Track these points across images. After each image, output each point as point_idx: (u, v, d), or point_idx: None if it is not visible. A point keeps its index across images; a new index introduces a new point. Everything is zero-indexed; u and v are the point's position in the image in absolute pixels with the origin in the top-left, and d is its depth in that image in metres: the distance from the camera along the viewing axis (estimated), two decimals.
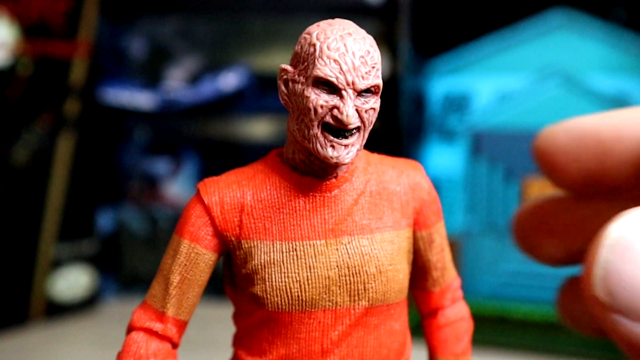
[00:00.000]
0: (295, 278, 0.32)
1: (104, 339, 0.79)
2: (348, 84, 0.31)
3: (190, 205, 0.35)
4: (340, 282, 0.33)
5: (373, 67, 0.32)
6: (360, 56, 0.31)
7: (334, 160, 0.32)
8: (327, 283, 0.33)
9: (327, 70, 0.31)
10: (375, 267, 0.33)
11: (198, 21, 0.89)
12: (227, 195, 0.34)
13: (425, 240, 0.36)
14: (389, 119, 0.87)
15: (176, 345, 0.35)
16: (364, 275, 0.33)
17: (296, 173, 0.34)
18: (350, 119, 0.31)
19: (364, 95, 0.32)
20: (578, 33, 0.81)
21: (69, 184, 0.83)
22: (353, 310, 0.33)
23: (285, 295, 0.32)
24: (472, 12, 0.84)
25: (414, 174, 0.36)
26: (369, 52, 0.32)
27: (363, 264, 0.33)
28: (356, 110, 0.32)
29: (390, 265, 0.33)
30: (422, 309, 0.38)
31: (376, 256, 0.33)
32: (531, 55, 0.83)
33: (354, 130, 0.32)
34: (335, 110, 0.31)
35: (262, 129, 0.90)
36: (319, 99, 0.31)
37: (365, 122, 0.32)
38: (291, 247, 0.33)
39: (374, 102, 0.32)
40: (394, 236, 0.34)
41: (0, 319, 0.78)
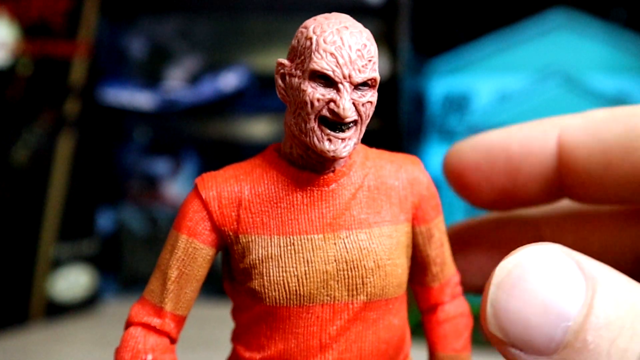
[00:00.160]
0: (293, 272, 0.32)
1: (104, 339, 0.79)
2: (345, 77, 0.31)
3: (188, 199, 0.35)
4: (338, 277, 0.32)
5: (370, 61, 0.32)
6: (356, 49, 0.31)
7: (331, 153, 0.32)
8: (325, 277, 0.32)
9: (324, 63, 0.31)
10: (374, 262, 0.33)
11: (198, 21, 0.89)
12: (225, 189, 0.34)
13: (424, 235, 0.36)
14: (389, 119, 0.87)
15: (174, 341, 0.35)
16: (362, 269, 0.33)
17: (294, 167, 0.33)
18: (347, 112, 0.31)
19: (360, 89, 0.32)
20: (578, 33, 0.81)
21: (69, 184, 0.83)
22: (351, 305, 0.33)
23: (283, 290, 0.32)
24: (472, 12, 0.84)
25: (412, 169, 0.35)
26: (366, 46, 0.32)
27: (361, 258, 0.33)
28: (353, 103, 0.31)
29: (389, 259, 0.33)
30: (422, 305, 0.38)
31: (374, 250, 0.33)
32: (531, 55, 0.83)
33: (351, 123, 0.32)
34: (332, 104, 0.31)
35: (262, 129, 0.90)
36: (316, 93, 0.31)
37: (362, 116, 0.32)
38: (289, 242, 0.33)
39: (371, 96, 0.32)
40: (392, 230, 0.34)
41: (0, 319, 0.78)
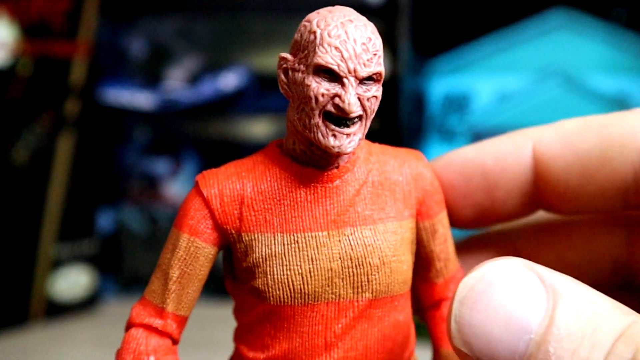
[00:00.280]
0: (298, 271, 0.32)
1: (104, 339, 0.79)
2: (349, 72, 0.30)
3: (189, 198, 0.34)
4: (343, 274, 0.32)
5: (375, 55, 0.31)
6: (361, 43, 0.31)
7: (336, 149, 0.31)
8: (330, 275, 0.32)
9: (328, 57, 0.30)
10: (379, 259, 0.32)
11: (198, 21, 0.89)
12: (227, 187, 0.33)
13: (428, 230, 0.35)
14: (389, 119, 0.87)
15: (176, 342, 0.34)
16: (367, 266, 0.32)
17: (297, 164, 0.33)
18: (352, 107, 0.30)
19: (365, 83, 0.31)
20: (578, 33, 0.81)
21: (69, 184, 0.83)
22: (356, 303, 0.32)
23: (287, 289, 0.32)
24: (472, 12, 0.84)
25: (416, 164, 0.35)
26: (371, 39, 0.31)
27: (366, 255, 0.32)
28: (358, 98, 0.31)
29: (394, 256, 0.33)
30: (425, 301, 0.37)
31: (379, 247, 0.32)
32: (531, 55, 0.83)
33: (356, 119, 0.31)
34: (336, 99, 0.31)
35: (262, 129, 0.90)
36: (320, 87, 0.31)
37: (367, 111, 0.31)
38: (293, 239, 0.32)
39: (376, 90, 0.31)
40: (397, 227, 0.33)
41: (0, 319, 0.78)
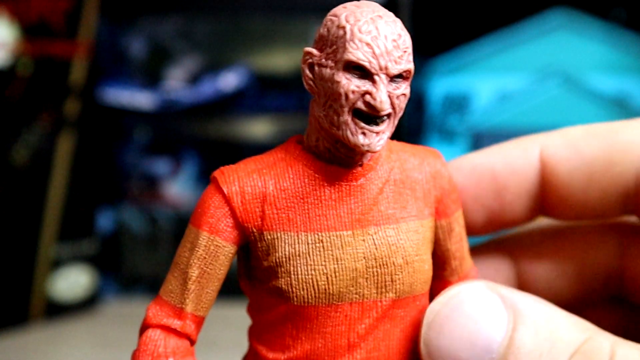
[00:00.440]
0: (322, 270, 0.31)
1: (104, 339, 0.79)
2: (381, 69, 0.30)
3: (208, 195, 0.33)
4: (367, 274, 0.32)
5: (405, 52, 0.30)
6: (392, 39, 0.30)
7: (365, 147, 0.30)
8: (355, 275, 0.31)
9: (360, 54, 0.30)
10: (402, 258, 0.32)
11: (198, 21, 0.89)
12: (248, 184, 0.32)
13: (445, 229, 0.35)
14: None
15: (194, 342, 0.33)
16: (391, 266, 0.32)
17: (321, 161, 0.32)
18: (384, 105, 0.30)
19: (395, 81, 0.31)
20: (578, 33, 0.81)
21: (69, 184, 0.83)
22: (380, 303, 0.32)
23: (311, 289, 0.31)
24: (472, 12, 0.84)
25: (434, 162, 0.35)
26: (401, 36, 0.30)
27: (390, 255, 0.32)
28: (388, 96, 0.30)
29: (417, 255, 0.33)
30: None
31: (402, 246, 0.32)
32: (531, 55, 0.83)
33: (385, 117, 0.31)
34: (367, 96, 0.30)
35: (262, 129, 0.90)
36: (351, 84, 0.30)
37: (396, 109, 0.31)
38: (317, 239, 0.31)
39: (405, 88, 0.31)
40: (419, 225, 0.33)
41: (0, 319, 0.78)
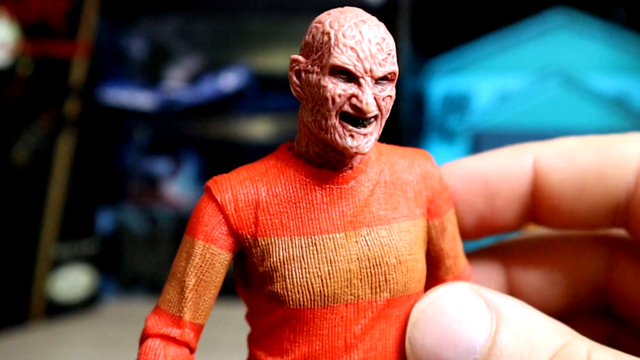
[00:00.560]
0: (317, 273, 0.32)
1: (104, 339, 0.79)
2: (366, 72, 0.30)
3: (202, 204, 0.33)
4: (361, 275, 0.32)
5: (389, 54, 0.31)
6: (376, 43, 0.31)
7: (354, 150, 0.31)
8: (349, 276, 0.32)
9: (344, 58, 0.30)
10: (395, 258, 0.33)
11: (198, 21, 0.89)
12: (241, 192, 0.33)
13: (438, 229, 0.35)
14: (389, 119, 0.87)
15: (193, 350, 0.34)
16: (384, 266, 0.32)
17: (311, 166, 0.33)
18: (370, 107, 0.31)
19: (380, 83, 0.31)
20: (578, 33, 0.81)
21: (69, 184, 0.83)
22: (375, 303, 0.32)
23: (307, 292, 0.32)
24: (472, 12, 0.84)
25: (424, 163, 0.35)
26: (384, 39, 0.31)
27: (383, 255, 0.32)
28: (374, 98, 0.31)
29: (410, 255, 0.33)
30: None
31: (395, 247, 0.33)
32: (531, 55, 0.83)
33: (372, 119, 0.31)
34: (353, 99, 0.31)
35: (262, 129, 0.90)
36: (337, 88, 0.31)
37: (383, 110, 0.32)
38: (310, 242, 0.32)
39: (390, 90, 0.32)
40: (411, 226, 0.34)
41: (0, 319, 0.78)
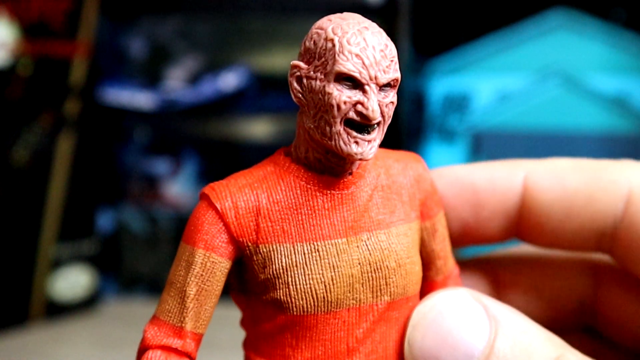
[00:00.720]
0: (320, 279, 0.32)
1: (104, 339, 0.79)
2: (371, 79, 0.31)
3: (200, 212, 0.33)
4: (363, 279, 0.32)
5: (392, 61, 0.31)
6: (380, 50, 0.31)
7: (359, 156, 0.31)
8: (351, 281, 0.32)
9: (350, 65, 0.30)
10: (395, 261, 0.33)
11: (198, 21, 0.89)
12: (241, 199, 0.32)
13: (429, 230, 0.36)
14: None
15: None
16: (385, 270, 0.33)
17: (311, 172, 0.33)
18: (376, 114, 0.31)
19: (384, 90, 0.31)
20: (578, 33, 0.81)
21: (69, 184, 0.83)
22: (376, 306, 0.33)
23: (310, 298, 0.32)
24: (472, 12, 0.84)
25: (416, 166, 0.36)
26: (387, 46, 0.31)
27: (383, 259, 0.33)
28: (378, 104, 0.31)
29: (408, 258, 0.34)
30: None
31: (394, 250, 0.33)
32: (531, 55, 0.83)
33: (375, 125, 0.31)
34: (359, 106, 0.31)
35: (262, 129, 0.90)
36: (342, 95, 0.31)
37: (385, 116, 0.32)
38: (313, 248, 0.32)
39: (393, 96, 0.32)
40: (407, 229, 0.34)
41: (0, 319, 0.78)
